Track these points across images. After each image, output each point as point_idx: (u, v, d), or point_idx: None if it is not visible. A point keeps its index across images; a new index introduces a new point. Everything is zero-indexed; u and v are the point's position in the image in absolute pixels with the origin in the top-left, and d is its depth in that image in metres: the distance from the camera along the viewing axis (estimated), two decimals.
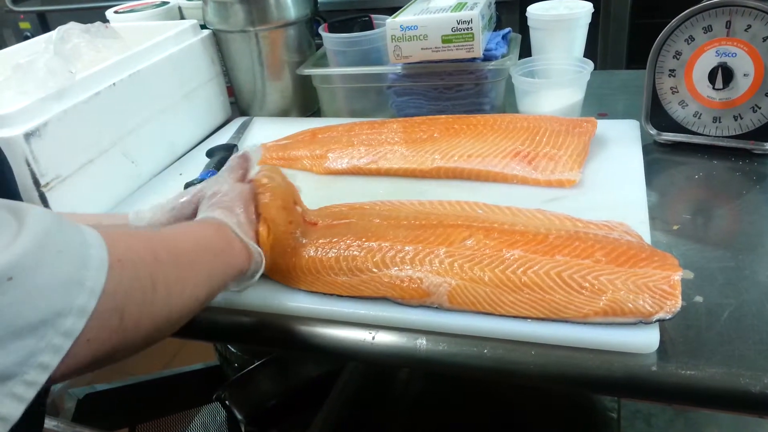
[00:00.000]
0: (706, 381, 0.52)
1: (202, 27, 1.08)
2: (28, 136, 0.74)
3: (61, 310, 0.38)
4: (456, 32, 0.91)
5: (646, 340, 0.54)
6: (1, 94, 0.82)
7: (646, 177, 0.77)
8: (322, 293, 0.64)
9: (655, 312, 0.53)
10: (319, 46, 1.13)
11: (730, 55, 0.78)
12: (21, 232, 0.38)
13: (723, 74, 0.79)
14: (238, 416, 1.13)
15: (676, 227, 0.70)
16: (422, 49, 0.93)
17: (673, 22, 0.80)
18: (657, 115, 0.86)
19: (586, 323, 0.56)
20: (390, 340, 0.60)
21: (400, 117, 1.01)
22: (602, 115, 0.97)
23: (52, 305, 0.38)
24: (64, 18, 1.05)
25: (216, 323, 0.65)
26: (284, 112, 1.12)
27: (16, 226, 0.38)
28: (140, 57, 0.93)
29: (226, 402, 1.15)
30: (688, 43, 0.80)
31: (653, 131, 0.87)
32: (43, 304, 0.37)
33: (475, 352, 0.58)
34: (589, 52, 1.03)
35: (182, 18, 1.21)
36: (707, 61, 0.80)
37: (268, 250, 0.62)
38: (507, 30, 1.05)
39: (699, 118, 0.83)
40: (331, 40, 1.04)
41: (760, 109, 0.79)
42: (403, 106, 1.04)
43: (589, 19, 0.99)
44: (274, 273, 0.66)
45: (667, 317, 0.53)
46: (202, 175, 0.88)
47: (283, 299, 0.65)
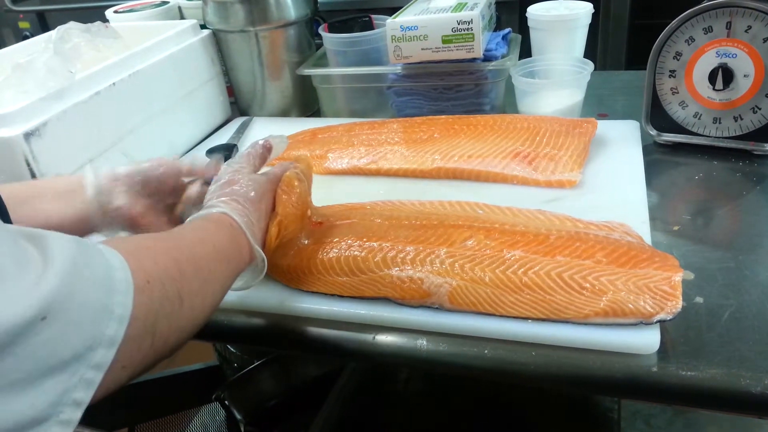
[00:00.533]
0: (706, 382, 0.52)
1: (202, 27, 1.08)
2: (27, 136, 0.74)
3: (92, 343, 0.37)
4: (456, 32, 0.91)
5: (647, 341, 0.54)
6: (1, 94, 0.81)
7: (646, 178, 0.77)
8: (323, 293, 0.64)
9: (656, 313, 0.53)
10: (319, 46, 1.13)
11: (731, 56, 0.78)
12: (47, 266, 0.36)
13: (723, 75, 0.79)
14: (238, 416, 1.13)
15: (676, 228, 0.70)
16: (422, 49, 0.93)
17: (674, 23, 0.80)
18: (657, 116, 0.86)
19: (586, 324, 0.56)
20: (391, 340, 0.60)
21: (400, 117, 1.01)
22: (602, 116, 0.97)
23: (84, 339, 0.37)
24: (64, 17, 1.05)
25: (217, 324, 0.65)
26: (284, 112, 1.12)
27: (40, 259, 0.37)
28: (140, 57, 0.93)
29: (226, 402, 1.15)
30: (689, 44, 0.80)
31: (653, 132, 0.87)
32: (76, 339, 0.36)
33: (476, 353, 0.58)
34: (589, 53, 1.03)
35: (182, 18, 1.21)
36: (707, 61, 0.80)
37: (271, 251, 0.62)
38: (507, 30, 1.05)
39: (699, 118, 0.83)
40: (331, 40, 1.04)
41: (760, 110, 0.79)
42: (403, 107, 1.04)
43: (589, 20, 0.99)
44: (275, 273, 0.66)
45: (668, 318, 0.53)
46: None
47: (283, 299, 0.65)
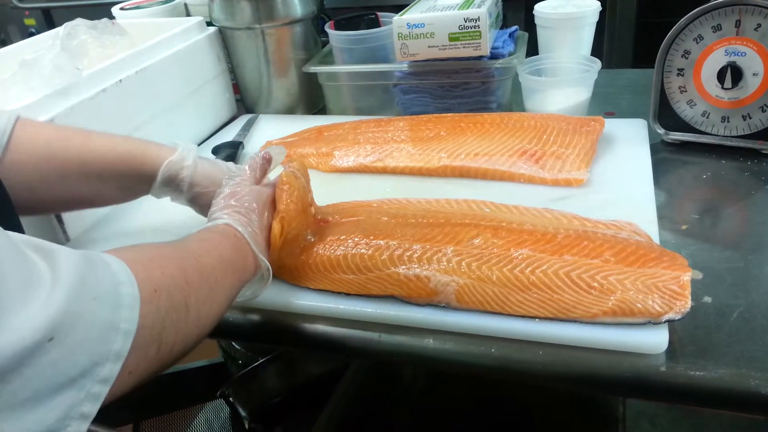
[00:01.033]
0: (715, 382, 0.51)
1: (208, 24, 1.07)
2: None
3: (98, 359, 0.38)
4: (463, 30, 0.90)
5: (655, 341, 0.53)
6: (8, 91, 0.81)
7: (653, 177, 0.77)
8: (330, 291, 0.64)
9: (665, 312, 0.53)
10: (325, 43, 1.12)
11: (740, 54, 0.78)
12: (56, 284, 0.37)
13: (732, 74, 0.78)
14: (242, 413, 1.13)
15: (684, 227, 0.70)
16: (429, 47, 0.93)
17: (682, 21, 0.79)
18: (665, 115, 0.85)
19: (594, 323, 0.55)
20: (397, 338, 0.60)
21: (406, 115, 1.01)
22: (609, 114, 0.97)
23: (91, 356, 0.38)
24: (69, 14, 1.05)
25: (224, 321, 0.64)
26: (290, 110, 1.12)
27: (48, 275, 0.37)
28: (146, 54, 0.93)
29: (230, 399, 1.15)
30: (697, 42, 0.80)
31: (661, 130, 0.86)
32: (83, 357, 0.37)
33: (483, 352, 0.57)
34: (596, 51, 1.03)
35: (188, 15, 1.21)
36: (716, 60, 0.79)
37: (277, 249, 0.62)
38: (514, 28, 1.05)
39: (707, 117, 0.83)
40: (337, 37, 1.04)
41: None
42: (409, 104, 1.03)
43: (596, 18, 0.99)
44: (281, 272, 0.66)
45: (677, 318, 0.53)
46: None
47: (290, 297, 0.65)
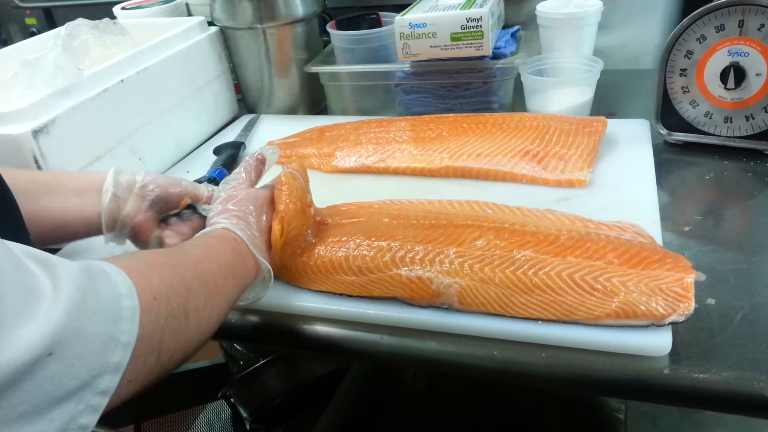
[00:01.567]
0: (719, 385, 0.51)
1: (210, 24, 1.07)
2: (36, 133, 0.74)
3: (98, 372, 0.38)
4: (465, 30, 0.90)
5: (659, 343, 0.53)
6: (10, 91, 0.81)
7: (656, 177, 0.77)
8: (331, 293, 0.64)
9: (668, 315, 0.53)
10: (327, 43, 1.12)
11: (743, 54, 0.78)
12: (56, 298, 0.37)
13: (735, 74, 0.78)
14: (243, 414, 1.13)
15: (687, 228, 0.69)
16: (431, 47, 0.93)
17: (685, 21, 0.79)
18: (668, 115, 0.85)
19: (597, 325, 0.55)
20: (399, 340, 0.60)
21: (408, 115, 1.01)
22: (612, 115, 0.96)
23: (90, 369, 0.37)
24: (71, 14, 1.05)
25: (226, 323, 0.64)
26: (291, 110, 1.12)
27: (49, 288, 0.37)
28: (148, 54, 0.92)
29: (232, 399, 1.15)
30: (700, 42, 0.80)
31: (664, 131, 0.86)
32: (82, 370, 0.37)
33: (485, 354, 0.57)
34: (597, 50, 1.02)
35: (189, 15, 1.21)
36: (719, 60, 0.79)
37: (278, 250, 0.62)
38: (516, 28, 1.04)
39: (710, 118, 0.83)
40: (339, 37, 1.04)
41: None
42: (411, 104, 1.03)
43: (599, 17, 0.98)
44: (282, 273, 0.66)
45: (680, 320, 0.52)
46: (210, 173, 0.87)
47: (292, 299, 0.65)
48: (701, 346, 0.54)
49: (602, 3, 0.97)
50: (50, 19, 1.98)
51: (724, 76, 0.79)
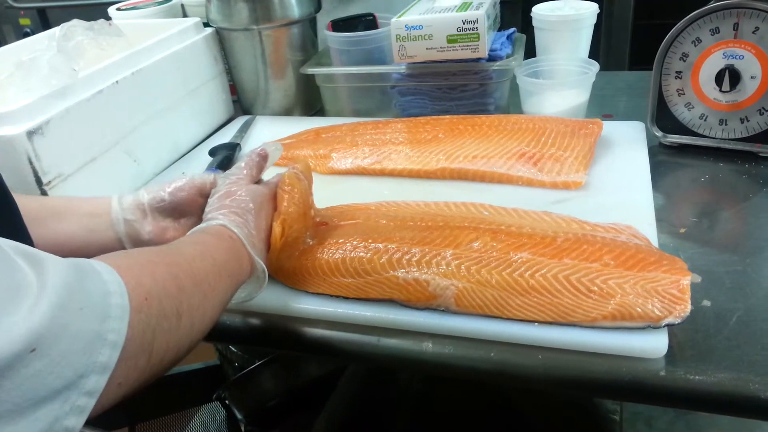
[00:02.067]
0: (715, 386, 0.51)
1: (205, 25, 1.07)
2: (30, 134, 0.73)
3: (83, 371, 0.37)
4: (461, 32, 0.90)
5: (655, 345, 0.53)
6: (4, 92, 0.81)
7: (651, 179, 0.77)
8: (328, 295, 0.64)
9: (664, 316, 0.53)
10: (323, 44, 1.12)
11: (738, 57, 0.78)
12: (41, 294, 0.36)
13: (730, 76, 0.78)
14: (238, 416, 1.13)
15: (682, 230, 0.70)
16: (427, 48, 0.93)
17: (680, 24, 0.80)
18: (663, 117, 0.85)
19: (594, 327, 0.55)
20: (396, 342, 0.60)
21: (404, 117, 1.01)
22: (607, 117, 0.97)
23: (76, 368, 0.36)
24: (65, 15, 1.05)
25: (222, 324, 0.64)
26: (287, 111, 1.12)
27: (35, 283, 0.36)
28: (143, 55, 0.92)
29: (227, 401, 1.15)
30: (695, 45, 0.80)
31: (659, 133, 0.86)
32: (66, 369, 0.36)
33: (482, 356, 0.57)
34: (592, 53, 1.03)
35: (185, 16, 1.21)
36: (714, 63, 0.80)
37: (277, 251, 0.62)
38: (512, 30, 1.05)
39: (705, 120, 0.83)
40: (334, 39, 1.03)
41: (767, 111, 0.78)
42: (407, 106, 1.03)
43: (594, 20, 0.99)
44: (279, 275, 0.66)
45: (677, 322, 0.53)
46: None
47: (288, 301, 0.64)
48: (697, 348, 0.54)
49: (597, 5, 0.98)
50: (44, 20, 1.97)
51: (719, 79, 0.79)
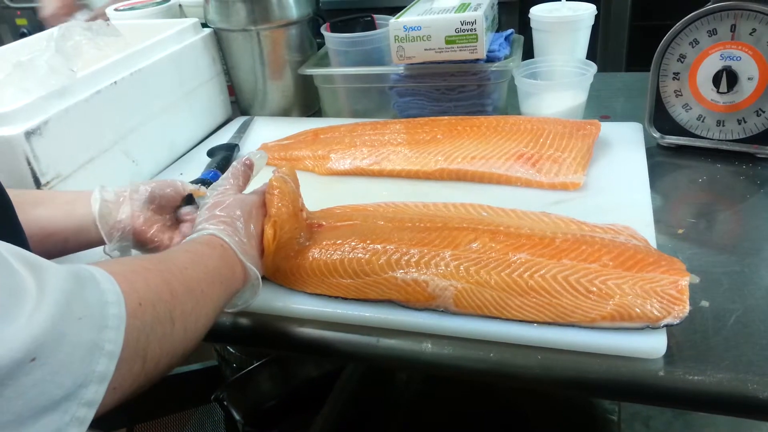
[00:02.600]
0: (713, 387, 0.51)
1: (203, 25, 1.07)
2: (28, 135, 0.73)
3: (82, 381, 0.37)
4: (459, 33, 0.90)
5: (654, 345, 0.53)
6: (2, 92, 0.81)
7: (649, 180, 0.77)
8: (327, 296, 0.64)
9: (663, 317, 0.53)
10: (321, 45, 1.12)
11: (735, 58, 0.78)
12: (41, 302, 0.36)
13: (727, 78, 0.79)
14: (237, 417, 1.13)
15: (680, 231, 0.70)
16: (425, 49, 0.93)
17: (678, 25, 0.80)
18: (660, 118, 0.86)
19: (593, 328, 0.55)
20: (395, 343, 0.60)
21: (402, 117, 1.01)
22: (604, 118, 0.97)
23: (75, 378, 0.37)
24: None
25: (221, 326, 0.64)
26: (285, 112, 1.12)
27: (35, 291, 0.36)
28: (141, 55, 0.92)
29: (225, 402, 1.14)
30: (693, 47, 0.80)
31: (657, 134, 0.87)
32: (66, 378, 0.36)
33: (481, 356, 0.57)
34: (590, 54, 1.03)
35: (183, 16, 1.21)
36: (712, 64, 0.80)
37: (271, 254, 0.62)
38: (510, 31, 1.05)
39: (703, 121, 0.83)
40: (333, 39, 1.04)
41: (764, 112, 0.79)
42: (405, 107, 1.03)
43: (592, 21, 0.99)
44: (277, 276, 0.66)
45: (675, 322, 0.53)
46: (203, 175, 0.87)
47: (287, 302, 0.64)
48: (695, 348, 0.55)
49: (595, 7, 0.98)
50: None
51: (716, 80, 0.80)
